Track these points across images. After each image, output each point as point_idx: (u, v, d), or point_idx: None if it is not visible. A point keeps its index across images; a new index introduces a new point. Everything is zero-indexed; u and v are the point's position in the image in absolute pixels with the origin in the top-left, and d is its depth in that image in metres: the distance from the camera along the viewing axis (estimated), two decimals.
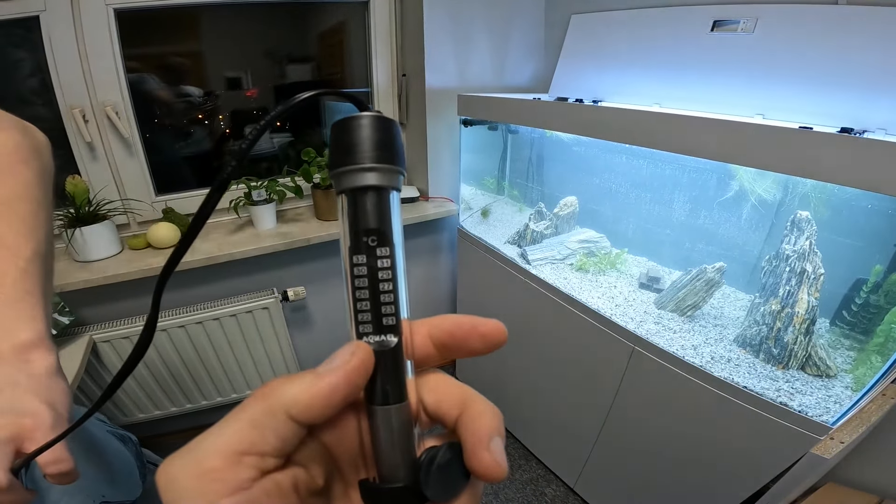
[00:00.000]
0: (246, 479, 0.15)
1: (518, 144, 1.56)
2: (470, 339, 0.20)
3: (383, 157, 0.18)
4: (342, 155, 0.18)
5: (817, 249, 0.83)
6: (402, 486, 0.18)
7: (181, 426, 1.68)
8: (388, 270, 0.18)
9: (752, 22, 0.98)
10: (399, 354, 0.18)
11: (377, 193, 0.18)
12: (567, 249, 1.28)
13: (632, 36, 1.26)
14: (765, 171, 0.89)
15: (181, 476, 0.15)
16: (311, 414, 0.16)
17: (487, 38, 1.49)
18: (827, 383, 0.85)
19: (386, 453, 0.18)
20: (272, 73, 1.51)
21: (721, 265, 0.96)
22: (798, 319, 0.85)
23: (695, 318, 1.03)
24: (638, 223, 1.23)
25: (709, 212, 1.06)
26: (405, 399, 0.18)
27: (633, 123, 0.94)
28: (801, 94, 0.94)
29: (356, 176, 0.18)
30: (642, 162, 1.17)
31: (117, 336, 1.31)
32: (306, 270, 1.56)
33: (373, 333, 0.18)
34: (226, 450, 0.15)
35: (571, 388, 1.30)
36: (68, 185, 1.13)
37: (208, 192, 0.19)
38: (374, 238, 0.18)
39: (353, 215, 0.18)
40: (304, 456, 0.18)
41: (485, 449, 0.16)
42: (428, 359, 0.20)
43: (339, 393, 0.16)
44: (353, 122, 0.18)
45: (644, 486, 1.20)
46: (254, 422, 0.16)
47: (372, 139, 0.18)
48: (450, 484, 0.18)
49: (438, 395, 0.19)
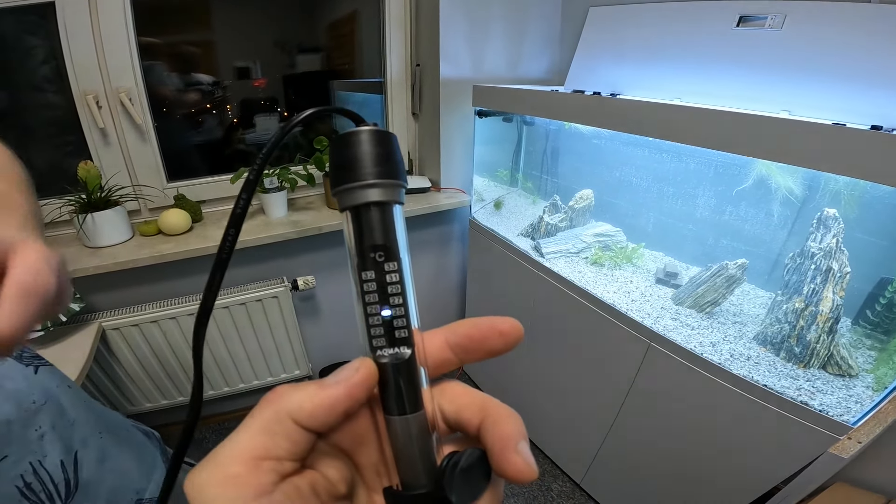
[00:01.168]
0: (267, 483, 0.16)
1: (533, 136, 1.55)
2: (489, 339, 0.20)
3: (384, 173, 0.18)
4: (343, 172, 0.19)
5: (844, 248, 0.82)
6: (424, 492, 0.18)
7: (182, 417, 1.68)
8: (397, 285, 0.19)
9: (781, 18, 0.96)
10: (413, 365, 0.19)
11: (381, 209, 0.19)
12: (582, 243, 1.27)
13: (652, 30, 1.24)
14: (790, 167, 0.89)
15: (208, 484, 0.15)
16: (315, 421, 0.17)
17: (503, 29, 1.47)
18: (848, 383, 0.85)
19: (406, 461, 0.19)
20: (282, 62, 1.50)
21: (743, 262, 0.95)
22: (822, 318, 0.84)
23: (713, 315, 1.02)
24: (655, 217, 1.21)
25: (728, 207, 1.05)
26: (421, 408, 0.19)
27: (661, 117, 0.92)
28: (828, 91, 0.92)
29: (359, 193, 0.18)
30: (660, 155, 1.15)
31: (126, 324, 1.30)
32: (317, 259, 1.55)
33: (386, 346, 0.19)
34: (245, 456, 0.16)
35: (582, 384, 1.30)
36: (81, 171, 1.11)
37: (236, 197, 0.20)
38: (381, 254, 0.18)
39: (359, 232, 0.19)
40: (323, 463, 0.19)
41: (513, 452, 0.17)
42: (446, 364, 0.21)
43: (340, 405, 0.17)
44: (352, 138, 0.19)
45: (652, 482, 1.20)
46: (265, 428, 0.17)
47: (372, 154, 0.18)
48: (472, 487, 0.18)
49: (458, 404, 0.20)
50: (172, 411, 1.56)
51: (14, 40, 1.06)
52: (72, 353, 1.13)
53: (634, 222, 1.26)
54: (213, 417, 1.74)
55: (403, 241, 0.19)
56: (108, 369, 1.35)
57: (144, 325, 1.32)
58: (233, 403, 1.73)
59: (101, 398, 1.40)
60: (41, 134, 1.16)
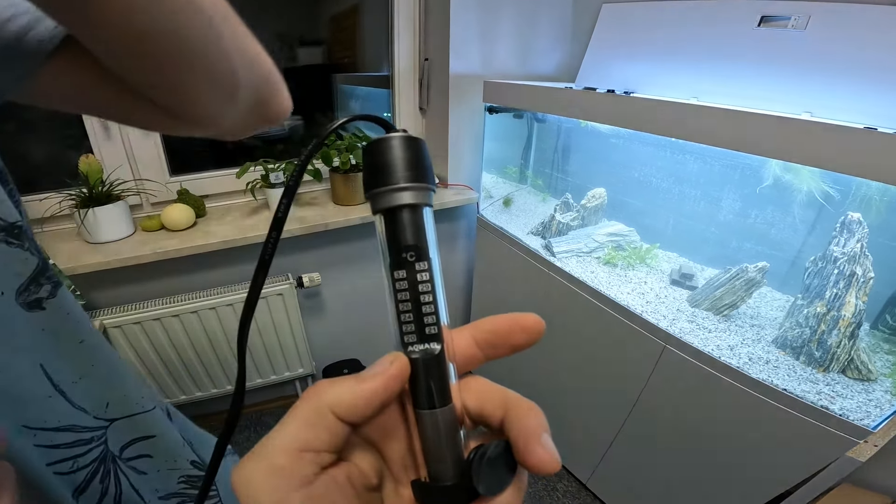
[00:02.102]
0: (309, 474, 0.17)
1: (544, 133, 1.52)
2: (513, 334, 0.21)
3: (416, 176, 0.19)
4: (377, 176, 0.19)
5: (868, 253, 0.81)
6: (452, 483, 0.19)
7: (191, 413, 1.64)
8: (427, 283, 0.19)
9: (805, 19, 0.95)
10: (442, 360, 0.20)
11: (412, 211, 0.19)
12: (595, 242, 1.26)
13: (667, 28, 1.22)
14: (810, 169, 0.88)
15: (254, 476, 0.16)
16: (354, 413, 0.18)
17: (514, 24, 1.44)
18: (867, 387, 0.85)
19: (435, 454, 0.19)
20: (282, 55, 1.46)
21: (764, 265, 0.94)
22: (844, 323, 0.83)
23: (730, 318, 1.01)
24: (669, 217, 1.20)
25: (745, 208, 1.04)
26: (450, 402, 0.20)
27: (681, 116, 0.91)
28: (852, 93, 0.91)
29: (392, 196, 0.19)
30: (675, 155, 1.14)
31: (128, 321, 1.26)
32: (322, 256, 1.52)
33: (417, 343, 0.19)
34: (288, 448, 0.17)
35: (592, 385, 1.29)
36: (82, 165, 1.08)
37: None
38: (413, 253, 0.19)
39: (392, 233, 0.19)
40: (356, 455, 0.20)
41: (537, 444, 0.17)
42: (472, 360, 0.21)
43: (378, 396, 0.18)
44: (385, 144, 0.20)
45: (660, 484, 1.20)
46: (307, 421, 0.17)
47: (403, 159, 0.19)
48: (499, 478, 0.18)
49: (481, 399, 0.20)
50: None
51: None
52: None
53: (648, 222, 1.25)
54: (215, 416, 1.71)
55: (433, 241, 0.20)
56: None
57: (147, 322, 1.29)
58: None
59: None
60: (40, 126, 1.12)
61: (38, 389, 0.34)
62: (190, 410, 1.61)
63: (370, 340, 1.82)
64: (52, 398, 0.35)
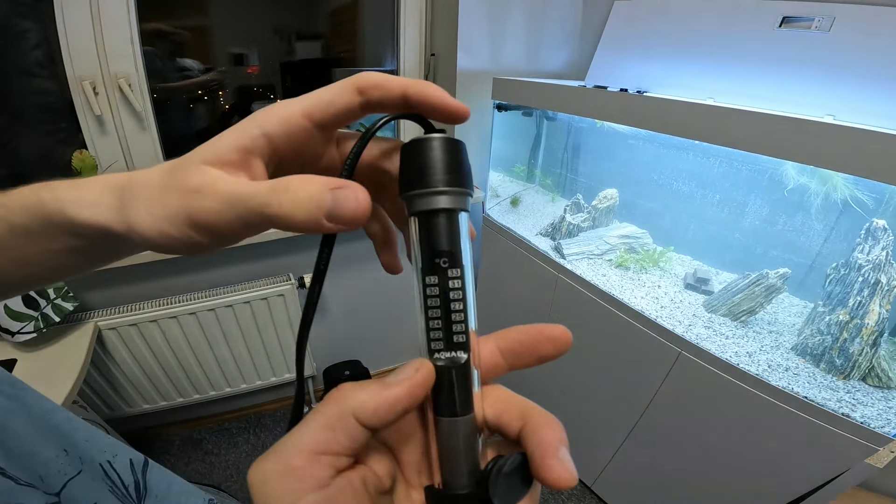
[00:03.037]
0: (325, 476, 0.16)
1: (554, 132, 1.50)
2: (539, 345, 0.21)
3: (454, 181, 0.19)
4: (414, 178, 0.19)
5: (893, 261, 0.80)
6: (466, 492, 0.19)
7: (187, 416, 1.61)
8: (458, 291, 0.19)
9: (829, 21, 0.93)
10: (468, 370, 0.19)
11: (448, 216, 0.19)
12: (606, 244, 1.23)
13: (682, 26, 1.20)
14: (831, 174, 0.87)
15: (271, 475, 0.16)
16: (377, 419, 0.17)
17: (523, 20, 1.41)
18: (887, 395, 0.84)
19: (452, 462, 0.19)
20: (280, 49, 1.41)
21: (785, 271, 0.92)
22: (867, 331, 0.82)
23: (748, 324, 1.00)
24: (684, 220, 1.18)
25: (762, 212, 1.02)
26: (471, 411, 0.19)
27: (700, 118, 0.89)
28: (876, 97, 0.89)
29: (429, 199, 0.19)
30: (691, 156, 1.12)
31: (124, 323, 1.22)
32: None
33: (444, 350, 0.19)
34: (307, 450, 0.16)
35: (602, 390, 1.27)
36: (75, 160, 1.03)
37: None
38: (446, 259, 0.19)
39: (426, 237, 0.19)
40: (373, 459, 0.19)
41: (554, 458, 0.17)
42: (495, 369, 0.21)
43: (401, 403, 0.18)
44: (425, 145, 0.19)
45: (666, 489, 1.19)
46: (328, 424, 0.17)
47: (443, 162, 0.19)
48: (514, 491, 0.18)
49: (499, 408, 0.20)
50: (171, 412, 1.49)
51: (5, 24, 0.96)
52: (67, 356, 1.05)
53: (661, 224, 1.23)
54: (213, 418, 1.67)
55: (468, 249, 0.19)
56: (104, 370, 1.28)
57: (143, 324, 1.25)
58: (234, 403, 1.66)
59: (97, 400, 1.32)
60: (31, 120, 1.06)
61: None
62: (189, 413, 1.58)
63: (371, 342, 1.79)
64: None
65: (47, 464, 0.31)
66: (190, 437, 1.63)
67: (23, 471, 0.29)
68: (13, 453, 0.29)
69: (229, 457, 1.58)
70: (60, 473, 0.32)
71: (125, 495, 0.36)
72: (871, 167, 0.70)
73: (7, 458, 0.28)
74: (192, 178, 0.19)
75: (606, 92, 1.12)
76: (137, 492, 0.38)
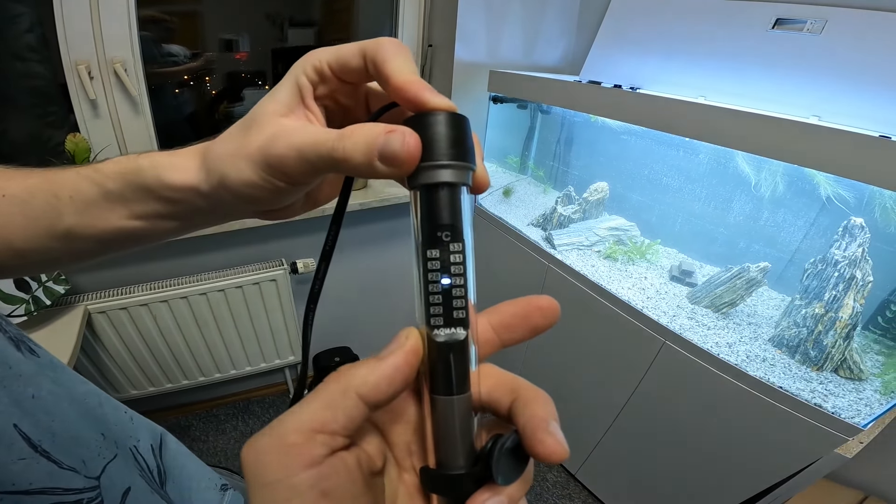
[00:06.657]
0: (319, 455, 0.16)
1: (547, 125, 1.51)
2: (530, 316, 0.21)
3: (458, 155, 0.19)
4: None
5: (869, 257, 0.84)
6: (462, 472, 0.19)
7: (176, 402, 1.62)
8: (459, 265, 0.19)
9: (821, 23, 0.95)
10: (466, 346, 0.19)
11: (451, 190, 0.19)
12: (596, 236, 1.26)
13: (678, 24, 1.21)
14: (814, 172, 0.90)
15: (265, 451, 0.16)
16: (378, 393, 0.18)
17: (521, 14, 1.41)
18: (858, 386, 0.88)
19: (447, 441, 0.19)
20: (272, 36, 1.40)
21: (765, 265, 0.96)
22: (841, 324, 0.86)
23: (729, 316, 1.04)
24: (671, 214, 1.21)
25: (746, 208, 1.06)
26: (468, 389, 0.19)
27: (694, 116, 0.91)
28: (864, 99, 0.92)
29: (432, 172, 0.18)
30: (679, 152, 1.15)
31: (114, 307, 1.21)
32: (318, 241, 1.48)
33: (443, 326, 0.19)
34: (303, 427, 0.17)
35: (587, 378, 1.31)
36: (68, 144, 1.02)
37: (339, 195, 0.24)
38: (448, 233, 0.19)
39: (428, 211, 0.19)
40: (366, 439, 0.20)
41: (546, 432, 0.17)
42: (489, 345, 0.21)
43: (400, 373, 0.18)
44: (429, 119, 0.19)
45: (648, 475, 1.23)
46: (327, 402, 0.17)
47: (447, 136, 0.19)
48: (514, 469, 0.18)
49: (489, 384, 0.20)
50: (159, 398, 1.49)
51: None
52: (57, 340, 1.05)
53: (649, 217, 1.26)
54: (201, 404, 1.68)
55: (469, 223, 0.19)
56: (92, 355, 1.27)
57: (133, 308, 1.24)
58: (223, 389, 1.67)
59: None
60: (20, 104, 1.05)
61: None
62: (177, 399, 1.58)
63: (361, 329, 1.80)
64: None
65: (89, 448, 0.32)
66: (178, 424, 1.63)
67: (66, 455, 0.30)
68: (58, 437, 0.30)
69: (217, 443, 1.59)
70: (100, 457, 0.33)
71: (152, 479, 0.38)
72: (850, 167, 0.73)
73: (52, 442, 0.29)
74: (267, 128, 0.22)
75: (600, 88, 1.13)
76: (160, 476, 0.39)
